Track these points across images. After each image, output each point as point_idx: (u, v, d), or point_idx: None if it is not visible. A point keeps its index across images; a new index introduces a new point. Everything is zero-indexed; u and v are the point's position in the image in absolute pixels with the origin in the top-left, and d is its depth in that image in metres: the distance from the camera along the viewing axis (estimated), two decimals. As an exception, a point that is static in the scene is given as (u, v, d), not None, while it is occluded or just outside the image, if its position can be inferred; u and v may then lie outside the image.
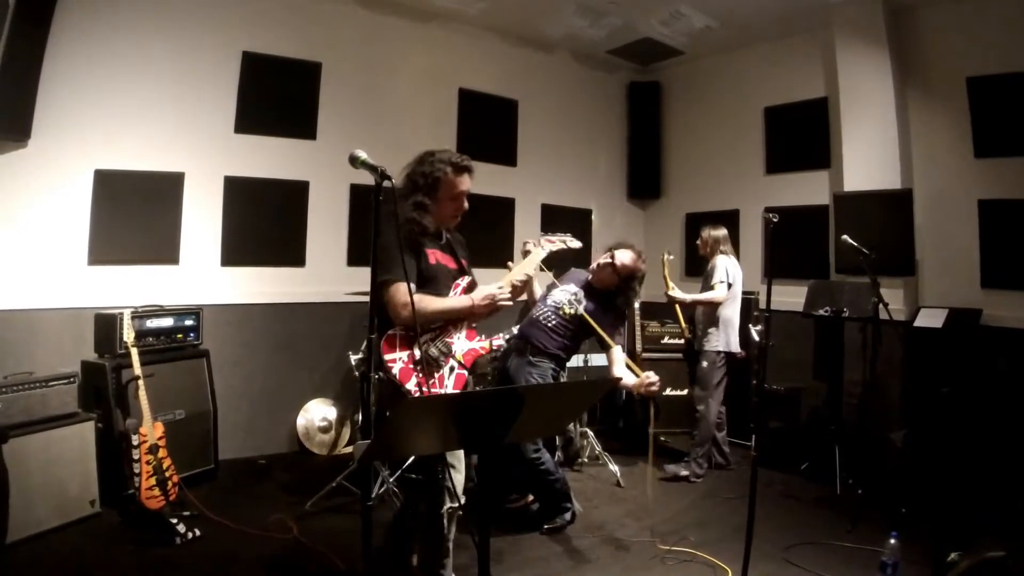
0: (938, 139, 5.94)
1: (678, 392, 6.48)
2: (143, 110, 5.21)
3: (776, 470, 5.60)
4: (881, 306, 4.83)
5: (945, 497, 4.71)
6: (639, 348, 6.19)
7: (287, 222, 6.00)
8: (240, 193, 5.68)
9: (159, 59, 5.28)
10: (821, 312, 5.80)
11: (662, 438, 6.71)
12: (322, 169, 6.05)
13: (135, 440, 4.08)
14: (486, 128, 7.19)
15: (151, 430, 4.15)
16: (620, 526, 4.54)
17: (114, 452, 4.28)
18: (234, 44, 5.63)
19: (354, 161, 2.40)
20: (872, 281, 4.90)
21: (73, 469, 4.16)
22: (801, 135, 6.93)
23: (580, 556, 4.14)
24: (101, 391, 4.47)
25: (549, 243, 3.68)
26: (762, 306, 6.50)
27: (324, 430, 5.94)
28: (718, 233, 5.77)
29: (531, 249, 5.27)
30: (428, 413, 2.14)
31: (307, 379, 6.07)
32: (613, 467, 5.55)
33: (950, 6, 5.82)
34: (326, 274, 6.13)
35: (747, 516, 3.29)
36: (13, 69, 4.44)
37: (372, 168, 2.37)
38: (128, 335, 4.26)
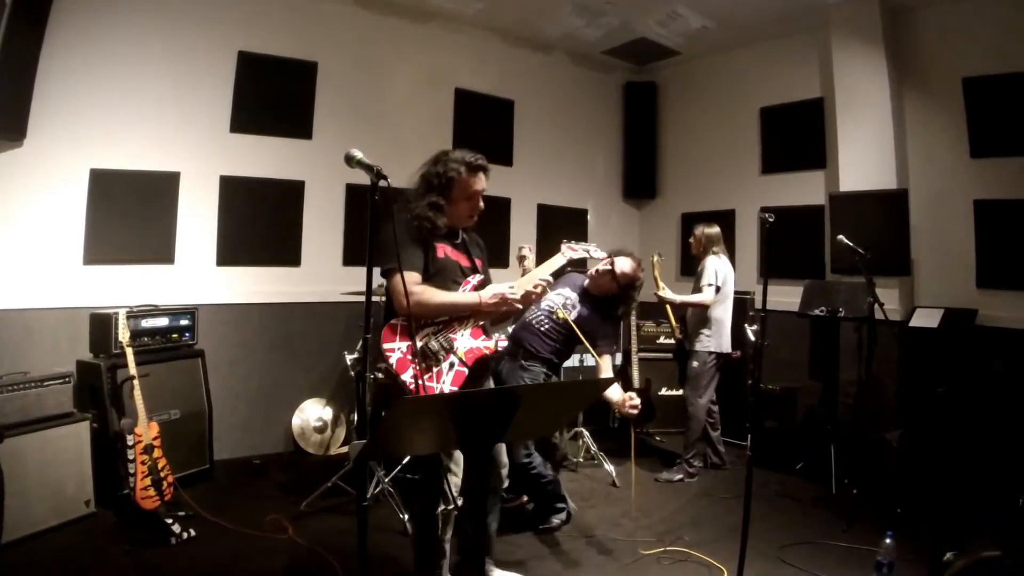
0: (934, 139, 5.95)
1: (673, 392, 6.50)
2: (139, 109, 5.21)
3: (771, 470, 5.61)
4: (877, 306, 4.83)
5: (941, 497, 4.73)
6: (635, 348, 6.18)
7: (283, 222, 5.99)
8: (236, 193, 5.67)
9: (155, 58, 5.27)
10: (817, 312, 5.80)
11: (657, 438, 6.73)
12: (318, 169, 6.04)
13: (130, 440, 4.08)
14: (482, 128, 7.18)
15: (146, 430, 4.14)
16: (615, 526, 4.54)
17: (109, 452, 4.27)
18: (230, 43, 5.62)
19: (350, 160, 2.40)
20: (868, 281, 4.90)
21: (68, 469, 4.15)
22: (797, 135, 6.94)
23: (575, 556, 4.14)
24: (96, 391, 4.46)
25: (571, 251, 3.60)
26: (758, 306, 6.52)
27: (319, 430, 5.94)
28: (711, 232, 5.76)
29: (526, 254, 5.28)
30: (423, 412, 2.14)
31: (302, 379, 6.06)
32: (608, 467, 5.55)
33: (947, 7, 5.83)
34: (322, 274, 6.13)
35: (742, 516, 3.29)
36: (9, 68, 4.43)
37: (368, 167, 2.36)
38: (123, 335, 4.24)
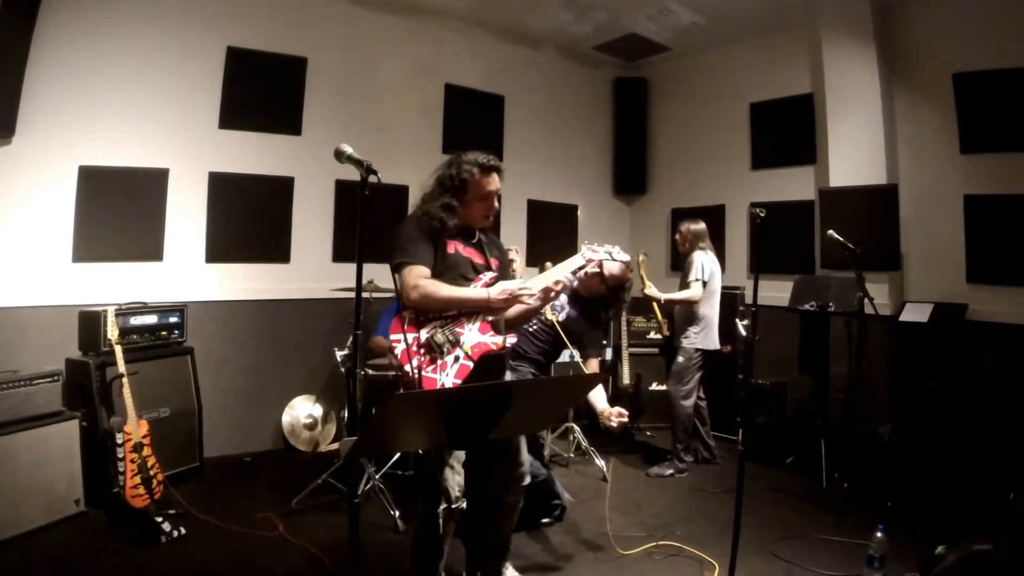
0: (924, 135, 5.96)
1: (663, 387, 6.50)
2: (128, 106, 5.17)
3: (762, 464, 5.62)
4: (867, 301, 4.85)
5: (932, 491, 4.75)
6: (625, 343, 6.19)
7: (272, 218, 5.97)
8: (225, 189, 5.64)
9: (144, 54, 5.23)
10: (807, 307, 5.81)
11: (647, 432, 6.75)
12: (307, 165, 6.02)
13: (119, 438, 4.05)
14: (472, 124, 7.16)
15: (135, 428, 4.11)
16: (607, 521, 4.54)
17: (99, 451, 4.24)
18: (219, 39, 5.58)
19: (340, 156, 2.39)
20: (858, 276, 4.92)
21: (58, 468, 4.12)
22: (787, 131, 6.93)
23: (567, 551, 4.15)
24: (86, 389, 4.43)
25: (591, 251, 3.53)
26: (748, 301, 6.54)
27: (309, 427, 5.92)
28: (697, 228, 5.76)
29: (513, 256, 5.27)
30: (415, 409, 2.13)
31: (292, 376, 6.04)
32: (600, 462, 5.55)
33: (937, 2, 5.83)
34: (311, 270, 6.11)
35: (734, 510, 3.29)
36: (-2, 65, 4.40)
37: (358, 163, 2.35)
38: (112, 332, 4.22)
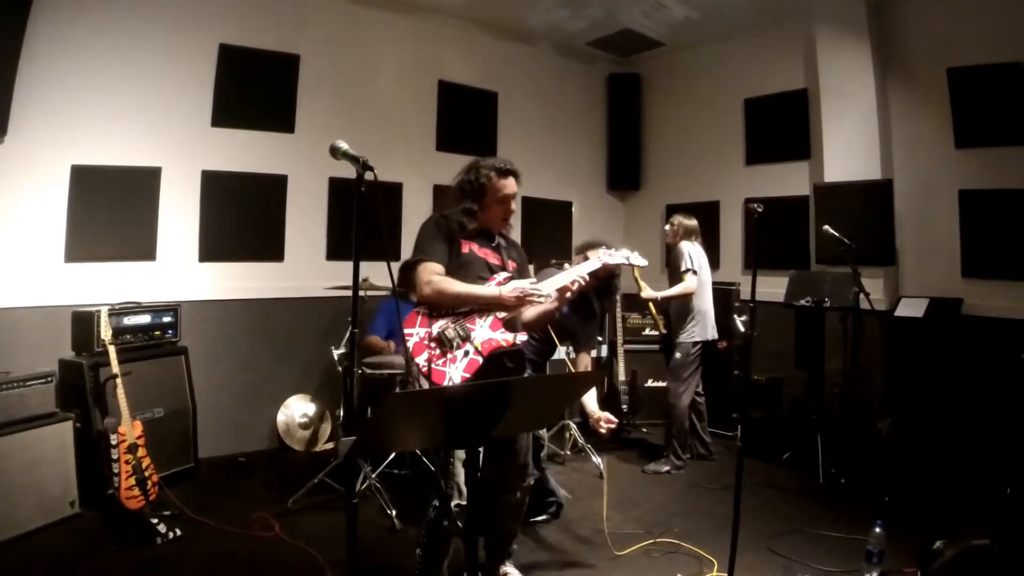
0: (919, 130, 5.96)
1: (659, 383, 6.49)
2: (120, 104, 5.13)
3: (758, 460, 5.61)
4: (862, 296, 4.85)
5: (929, 486, 4.76)
6: (620, 340, 6.18)
7: (265, 216, 5.94)
8: (218, 187, 5.61)
9: (136, 52, 5.19)
10: (803, 302, 5.79)
11: (643, 429, 6.74)
12: (301, 162, 5.99)
13: (114, 439, 4.02)
14: (466, 120, 7.15)
15: (130, 429, 4.08)
16: (604, 518, 4.53)
17: (93, 452, 4.21)
18: (211, 37, 5.54)
19: (335, 152, 2.37)
20: (853, 271, 4.92)
21: (53, 469, 4.09)
22: (781, 126, 6.94)
23: (565, 549, 4.14)
24: (79, 390, 4.39)
25: (608, 255, 3.59)
26: (743, 297, 6.54)
27: (304, 426, 5.90)
28: (689, 223, 5.75)
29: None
30: (413, 407, 2.12)
31: (287, 375, 6.01)
32: (596, 459, 5.54)
33: (933, -3, 5.83)
34: (305, 269, 6.07)
35: (732, 506, 3.28)
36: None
37: (354, 159, 2.34)
38: (105, 333, 4.19)
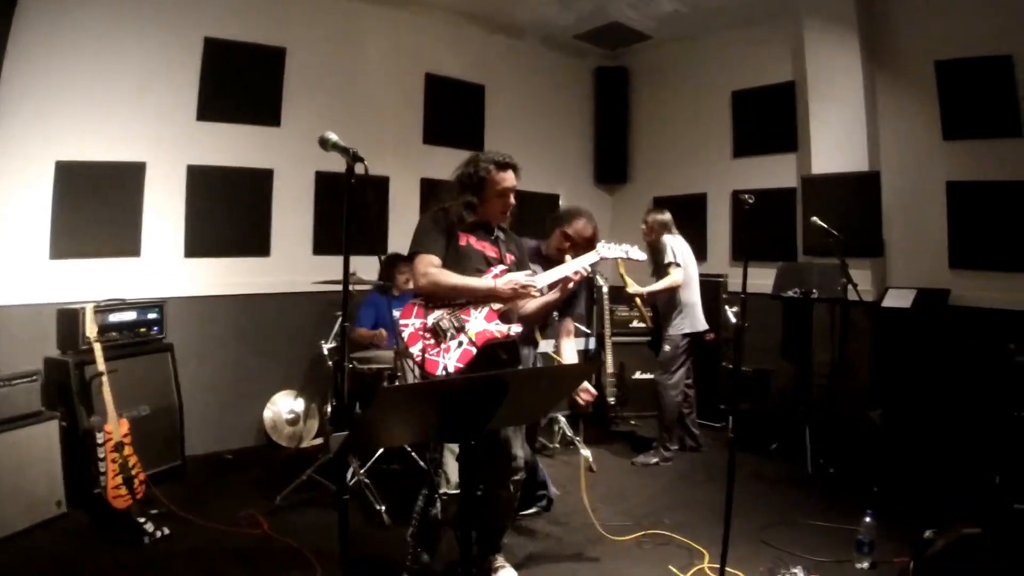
0: (906, 122, 5.97)
1: (648, 375, 6.51)
2: (105, 100, 5.06)
3: (746, 451, 5.59)
4: (850, 287, 4.87)
5: (919, 475, 4.79)
6: (608, 332, 6.18)
7: (251, 211, 5.88)
8: (203, 182, 5.55)
9: (121, 47, 5.12)
10: (791, 293, 5.81)
11: (632, 421, 6.75)
12: (287, 156, 5.94)
13: (100, 438, 3.97)
14: (453, 113, 7.12)
15: (116, 427, 4.04)
16: (594, 511, 4.52)
17: (80, 451, 4.16)
18: (196, 30, 5.47)
19: (325, 143, 2.35)
20: (841, 262, 4.94)
21: (39, 469, 4.04)
22: (769, 119, 6.93)
23: (555, 542, 4.14)
24: (65, 388, 4.35)
25: (607, 249, 3.57)
26: (731, 288, 6.57)
27: (292, 422, 5.85)
28: (663, 217, 5.75)
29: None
30: (404, 401, 2.10)
31: (274, 371, 5.97)
32: (585, 452, 5.52)
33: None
34: (292, 263, 6.03)
35: (725, 498, 3.25)
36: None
37: (344, 150, 2.31)
38: (91, 330, 4.13)
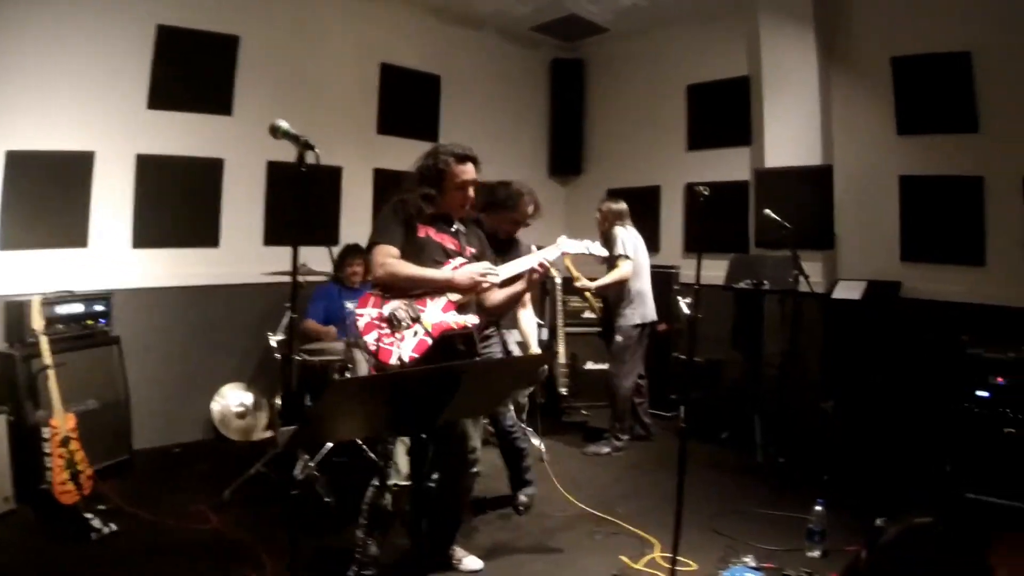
0: (861, 117, 6.07)
1: (600, 366, 6.55)
2: (54, 88, 4.91)
3: (696, 440, 5.62)
4: (801, 278, 4.94)
5: (869, 464, 4.91)
6: (560, 322, 6.20)
7: (201, 201, 5.77)
8: (153, 172, 5.42)
9: (70, 33, 4.97)
10: (743, 285, 5.88)
11: (583, 411, 6.78)
12: (238, 146, 5.83)
13: (46, 433, 3.89)
14: (408, 104, 7.07)
15: (62, 421, 3.95)
16: (547, 501, 4.55)
17: (27, 446, 4.07)
18: (148, 17, 5.34)
19: (275, 131, 2.32)
20: (792, 254, 5.01)
21: (-14, 464, 3.95)
22: (723, 112, 7.01)
23: (509, 531, 4.16)
24: (11, 383, 4.24)
25: (567, 243, 3.57)
26: (683, 280, 6.63)
27: (241, 415, 5.74)
28: (618, 207, 5.78)
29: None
30: (357, 394, 2.10)
31: (223, 363, 5.87)
32: (536, 442, 5.49)
33: (877, -14, 5.92)
34: (241, 254, 5.93)
35: (673, 486, 3.24)
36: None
37: (294, 138, 2.29)
38: (38, 322, 4.02)
